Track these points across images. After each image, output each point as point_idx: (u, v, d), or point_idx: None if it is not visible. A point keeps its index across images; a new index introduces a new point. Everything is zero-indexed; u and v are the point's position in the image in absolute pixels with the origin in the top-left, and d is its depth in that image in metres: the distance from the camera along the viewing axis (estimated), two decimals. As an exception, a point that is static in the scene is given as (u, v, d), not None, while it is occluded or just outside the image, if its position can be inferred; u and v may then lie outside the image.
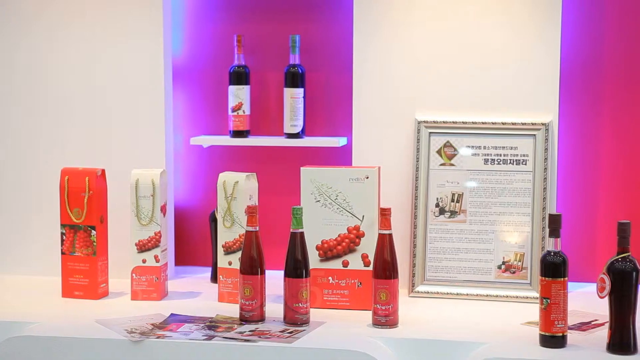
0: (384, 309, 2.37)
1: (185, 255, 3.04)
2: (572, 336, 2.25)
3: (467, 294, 2.68)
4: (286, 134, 2.90)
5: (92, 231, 2.66)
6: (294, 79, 2.87)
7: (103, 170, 2.71)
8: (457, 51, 2.75)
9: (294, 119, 2.88)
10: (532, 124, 2.71)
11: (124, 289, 2.71)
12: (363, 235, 2.56)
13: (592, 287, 2.24)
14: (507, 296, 2.66)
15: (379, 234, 2.40)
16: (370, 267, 2.47)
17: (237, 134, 2.91)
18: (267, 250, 2.49)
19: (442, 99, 2.77)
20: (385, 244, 2.39)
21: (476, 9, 2.74)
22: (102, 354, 2.28)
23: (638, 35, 2.78)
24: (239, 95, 2.90)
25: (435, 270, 2.73)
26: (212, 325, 2.38)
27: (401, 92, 2.79)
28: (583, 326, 2.37)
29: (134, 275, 2.66)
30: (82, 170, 2.69)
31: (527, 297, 2.63)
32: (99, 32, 2.88)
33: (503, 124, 2.74)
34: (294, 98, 2.87)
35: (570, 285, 2.27)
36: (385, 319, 2.37)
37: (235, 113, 2.91)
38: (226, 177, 2.64)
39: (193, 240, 3.04)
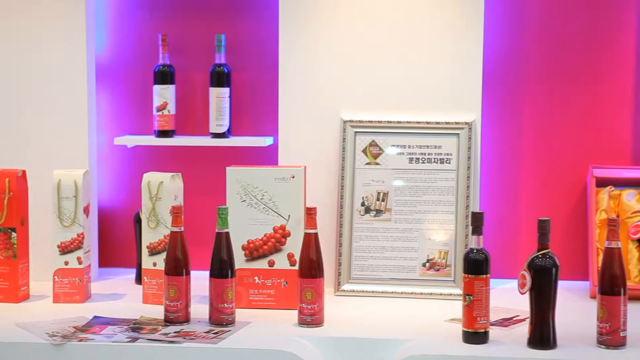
0: (310, 308, 2.37)
1: (110, 257, 3.00)
2: (494, 332, 2.29)
3: (392, 292, 2.70)
4: (212, 133, 2.88)
5: (13, 233, 2.61)
6: (220, 78, 2.86)
7: (24, 171, 2.66)
8: (382, 51, 2.77)
9: (219, 119, 2.86)
10: (456, 123, 2.75)
11: (46, 292, 2.67)
12: (289, 234, 2.57)
13: (514, 284, 2.28)
14: (431, 293, 2.69)
15: (305, 233, 2.41)
16: (296, 267, 2.47)
17: (162, 133, 2.89)
18: (193, 250, 2.48)
19: (368, 99, 2.79)
20: (310, 243, 2.40)
21: (401, 9, 2.76)
22: (23, 358, 2.23)
23: (558, 37, 2.83)
24: (164, 94, 2.87)
25: (361, 268, 2.75)
26: (136, 327, 2.36)
27: (327, 92, 2.80)
28: (505, 322, 2.41)
29: (56, 277, 2.62)
30: (2, 171, 2.63)
31: (451, 294, 2.66)
32: (20, 30, 2.82)
33: (427, 123, 2.76)
34: (219, 98, 2.86)
35: (492, 282, 2.31)
36: (311, 318, 2.37)
37: (160, 113, 2.88)
38: (151, 178, 2.62)
39: (117, 241, 3.00)
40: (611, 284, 2.19)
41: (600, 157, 2.83)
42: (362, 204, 2.77)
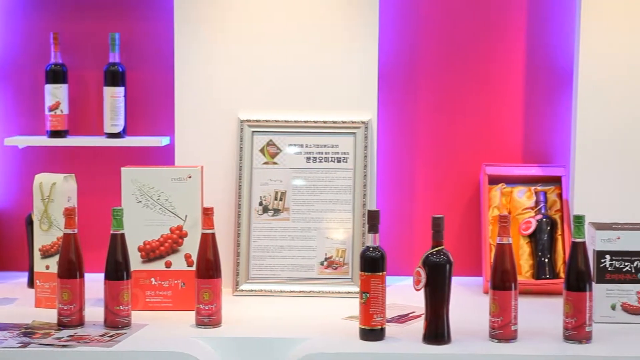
0: (207, 308, 2.36)
1: (0, 261, 2.92)
2: (390, 329, 2.32)
3: (291, 291, 2.71)
4: (106, 133, 2.84)
5: None
6: (114, 77, 2.82)
7: None
8: (279, 51, 2.78)
9: (114, 119, 2.82)
10: (352, 122, 2.77)
11: None
12: (186, 235, 2.54)
13: (410, 281, 2.31)
14: (329, 292, 2.70)
15: (202, 233, 2.39)
16: (194, 267, 2.45)
17: (55, 134, 2.83)
18: (87, 253, 2.43)
19: (265, 98, 2.79)
20: (208, 243, 2.38)
21: (296, 9, 2.77)
22: None
23: (451, 37, 2.89)
24: (56, 94, 2.81)
25: (259, 268, 2.74)
26: (27, 332, 2.30)
27: (224, 92, 2.79)
28: (401, 318, 2.45)
29: (-57, 282, 2.53)
30: None
31: (348, 292, 2.68)
32: None
33: (324, 122, 2.78)
34: (114, 97, 2.81)
35: (389, 279, 2.34)
36: (209, 319, 2.36)
37: (52, 112, 2.82)
38: (43, 179, 2.56)
39: (9, 244, 2.93)
40: (502, 279, 2.24)
41: (493, 155, 2.90)
42: (260, 204, 2.76)
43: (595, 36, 2.68)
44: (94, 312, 2.41)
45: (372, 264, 2.26)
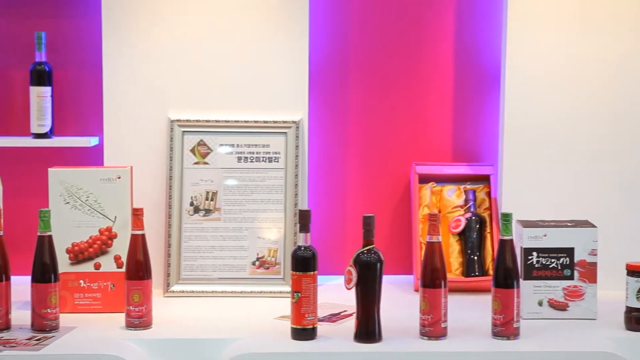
0: (137, 310, 2.33)
1: None
2: (322, 328, 2.32)
3: (223, 292, 2.70)
4: (33, 134, 2.79)
5: None
6: (40, 77, 2.77)
7: None
8: (209, 50, 2.76)
9: (41, 119, 2.77)
10: (284, 122, 2.77)
11: None
12: (115, 236, 2.51)
13: (342, 280, 2.32)
14: (261, 292, 2.70)
15: (132, 234, 2.37)
16: (123, 269, 2.42)
17: (-20, 134, 2.77)
18: (13, 255, 2.38)
19: (195, 98, 2.77)
20: (137, 244, 2.36)
21: (226, 8, 2.76)
22: None
23: (381, 36, 2.90)
24: (-20, 93, 2.76)
25: (191, 269, 2.73)
26: (-48, 337, 2.25)
27: (153, 91, 2.77)
28: (333, 317, 2.45)
29: None
30: None
31: (281, 292, 2.68)
32: None
33: (255, 122, 2.77)
34: (40, 97, 2.76)
35: (320, 278, 2.34)
36: (139, 321, 2.34)
37: (-23, 112, 2.76)
38: (-33, 180, 2.50)
39: None
40: (432, 277, 2.26)
41: (423, 154, 2.92)
42: (191, 204, 2.75)
43: (522, 35, 2.73)
44: (20, 315, 2.36)
45: (304, 263, 2.26)
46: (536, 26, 2.72)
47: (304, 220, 2.29)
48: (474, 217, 2.81)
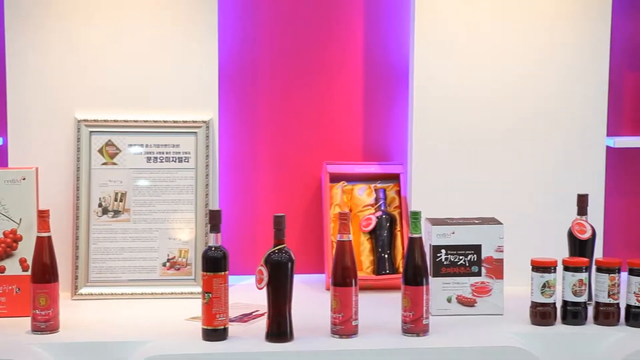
0: (44, 314, 2.28)
1: None
2: (233, 328, 2.31)
3: (133, 294, 2.66)
4: None
5: None
6: (-59, 75, 2.69)
7: None
8: (117, 49, 2.72)
9: (-58, 118, 2.69)
10: (193, 122, 2.75)
11: None
12: (20, 238, 2.46)
13: (253, 280, 2.31)
14: (172, 293, 2.67)
15: (37, 236, 2.32)
16: (29, 272, 2.36)
17: None
18: None
19: (104, 98, 2.73)
20: (43, 246, 2.31)
21: (133, 7, 2.72)
22: None
23: (291, 35, 2.90)
24: None
25: (100, 271, 2.68)
26: None
27: (59, 90, 2.71)
28: (244, 317, 2.45)
29: None
30: None
31: (192, 293, 2.66)
32: None
33: (165, 122, 2.75)
34: (-59, 96, 2.69)
35: (232, 278, 2.33)
36: (45, 325, 2.29)
37: None
38: None
39: None
40: (343, 276, 2.27)
41: (334, 153, 2.94)
42: (100, 205, 2.70)
43: (430, 35, 2.77)
44: None
45: (214, 263, 2.25)
46: (444, 26, 2.77)
47: (214, 220, 2.27)
48: (384, 216, 2.83)
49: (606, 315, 2.39)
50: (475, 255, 2.49)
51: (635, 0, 2.90)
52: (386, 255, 2.80)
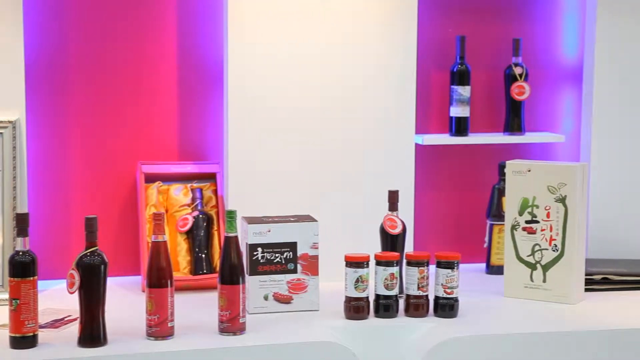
0: None
1: None
2: (44, 334, 2.24)
3: None
4: None
5: None
6: None
7: None
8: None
9: None
10: None
11: None
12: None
13: (65, 284, 2.25)
14: (-21, 301, 2.56)
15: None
16: None
17: None
18: None
19: None
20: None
21: None
22: None
23: (103, 36, 2.84)
24: None
25: None
26: None
27: None
28: (56, 323, 2.37)
29: None
30: None
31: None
32: None
33: (-32, 122, 2.62)
34: None
35: (44, 283, 2.27)
36: None
37: None
38: None
39: None
40: (158, 277, 2.25)
41: (149, 153, 2.90)
42: None
43: (243, 34, 2.77)
44: None
45: (22, 268, 2.17)
46: (257, 24, 2.78)
47: (21, 223, 2.20)
48: (201, 216, 2.82)
49: (416, 307, 2.48)
50: (291, 253, 2.52)
51: (439, 3, 3.01)
52: (203, 255, 2.79)
